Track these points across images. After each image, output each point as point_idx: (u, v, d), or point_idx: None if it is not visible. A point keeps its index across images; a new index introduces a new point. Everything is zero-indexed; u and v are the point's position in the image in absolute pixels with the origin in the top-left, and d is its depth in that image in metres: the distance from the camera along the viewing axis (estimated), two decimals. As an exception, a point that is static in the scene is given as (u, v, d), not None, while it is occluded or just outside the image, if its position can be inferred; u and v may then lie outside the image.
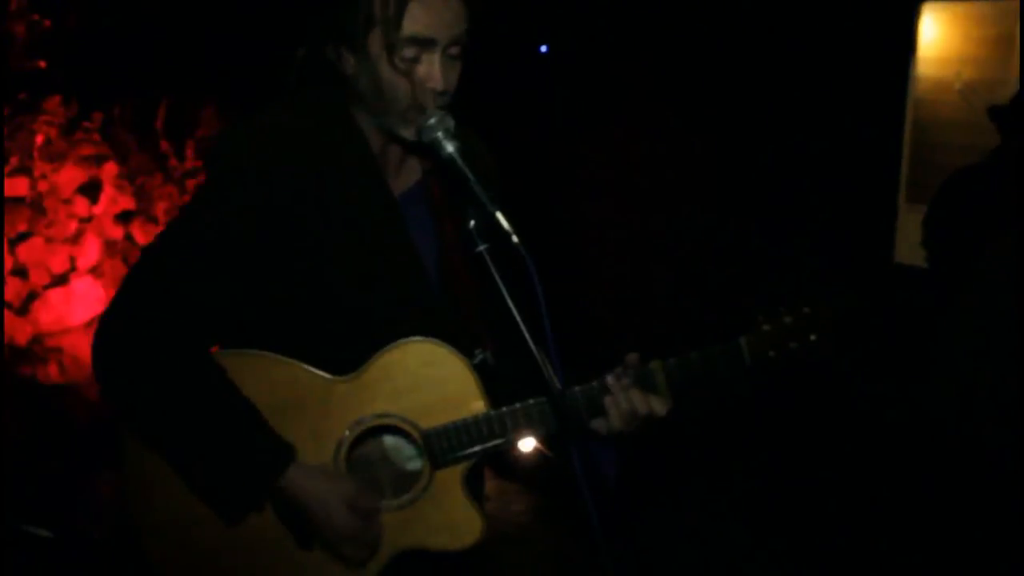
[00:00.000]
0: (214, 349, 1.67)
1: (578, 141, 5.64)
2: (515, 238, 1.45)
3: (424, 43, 1.53)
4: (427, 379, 1.65)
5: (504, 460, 3.99)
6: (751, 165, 4.98)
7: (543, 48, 5.39)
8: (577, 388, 1.68)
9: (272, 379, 1.63)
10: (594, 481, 1.48)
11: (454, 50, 1.57)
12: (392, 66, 1.53)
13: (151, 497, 1.68)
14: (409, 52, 1.53)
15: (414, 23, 1.52)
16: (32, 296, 4.52)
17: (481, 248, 1.50)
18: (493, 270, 1.49)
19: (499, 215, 1.47)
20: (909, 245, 4.63)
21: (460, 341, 1.67)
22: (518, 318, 1.46)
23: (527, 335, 1.46)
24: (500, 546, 3.60)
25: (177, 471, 1.64)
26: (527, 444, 4.44)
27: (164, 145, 4.97)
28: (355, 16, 1.53)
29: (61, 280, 4.62)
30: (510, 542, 3.71)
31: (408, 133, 1.59)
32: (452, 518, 1.68)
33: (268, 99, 1.66)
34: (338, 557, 1.65)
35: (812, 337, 1.64)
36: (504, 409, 1.66)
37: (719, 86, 5.01)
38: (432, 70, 1.55)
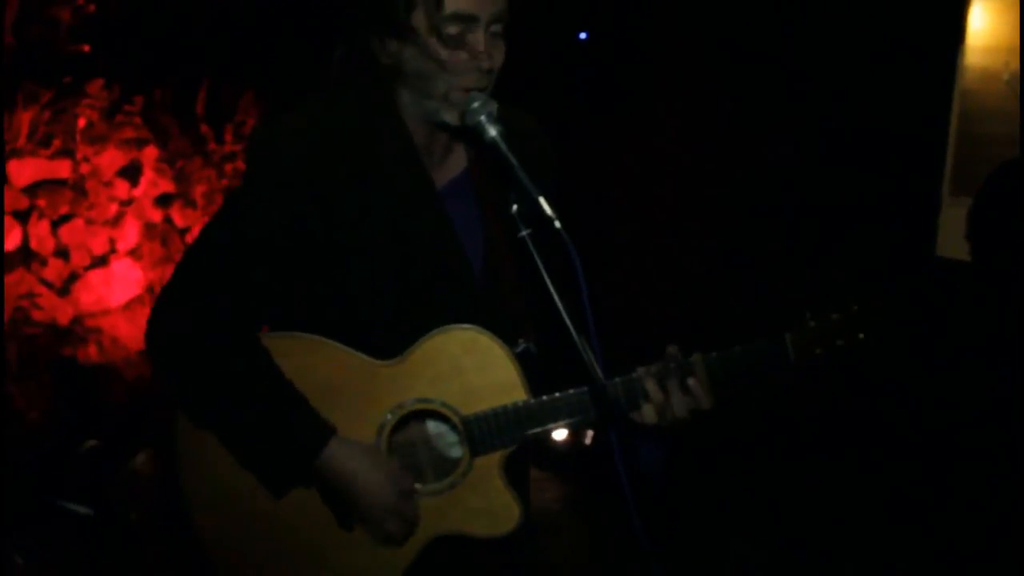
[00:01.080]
0: (264, 330, 1.70)
1: (616, 129, 5.60)
2: (558, 224, 1.44)
3: (467, 20, 1.54)
4: (469, 366, 1.66)
5: (537, 449, 3.97)
6: (793, 156, 4.92)
7: (582, 35, 5.35)
8: (618, 379, 1.67)
9: (317, 361, 1.66)
10: (634, 473, 1.47)
11: (497, 27, 1.57)
12: (437, 44, 1.54)
13: (202, 472, 1.72)
14: (452, 30, 1.53)
15: (455, 0, 1.52)
16: (73, 277, 4.59)
17: (524, 233, 1.50)
18: (536, 256, 1.48)
19: (542, 201, 1.46)
20: (952, 238, 4.55)
21: (503, 330, 1.68)
22: (559, 305, 1.46)
23: (568, 322, 1.45)
24: (527, 534, 3.59)
25: (226, 447, 1.69)
26: (560, 433, 4.44)
27: (204, 129, 5.00)
28: (397, 0, 1.53)
29: (101, 261, 4.68)
30: (541, 531, 3.70)
31: (451, 117, 1.58)
32: (490, 504, 1.69)
33: (309, 89, 1.68)
34: (379, 533, 1.67)
35: (860, 335, 1.61)
36: (544, 398, 1.67)
37: (762, 75, 4.95)
38: (477, 47, 1.55)
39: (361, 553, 1.69)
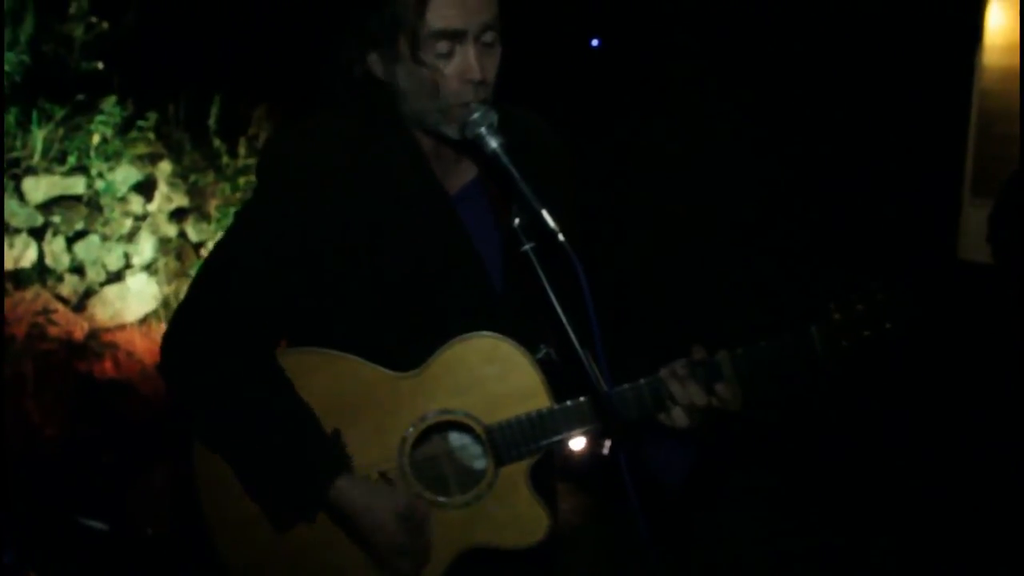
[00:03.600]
0: (282, 345, 1.68)
1: (635, 130, 5.58)
2: (561, 237, 1.41)
3: (453, 35, 1.50)
4: (490, 374, 1.63)
5: (556, 459, 3.93)
6: (810, 159, 4.88)
7: (594, 42, 5.34)
8: (643, 380, 1.63)
9: (337, 376, 1.63)
10: (644, 482, 1.44)
11: (488, 36, 1.53)
12: (424, 61, 1.50)
13: (221, 493, 1.68)
14: (441, 47, 1.50)
15: (440, 17, 1.48)
16: (89, 292, 4.61)
17: (527, 247, 1.47)
18: (539, 269, 1.45)
19: (545, 213, 1.43)
20: (973, 240, 4.49)
21: (523, 336, 1.64)
22: (563, 318, 1.43)
23: (572, 335, 1.43)
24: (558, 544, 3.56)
25: (234, 472, 1.65)
26: (578, 443, 4.40)
27: (217, 143, 5.02)
28: (381, 20, 1.51)
29: (116, 277, 4.70)
30: (561, 541, 3.67)
31: (452, 131, 1.56)
32: (518, 514, 1.65)
33: (318, 103, 1.67)
34: (390, 570, 1.63)
35: (887, 325, 1.56)
36: (568, 403, 1.63)
37: (780, 78, 4.92)
38: (467, 61, 1.51)
39: (386, 574, 1.66)
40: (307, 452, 1.59)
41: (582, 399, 1.63)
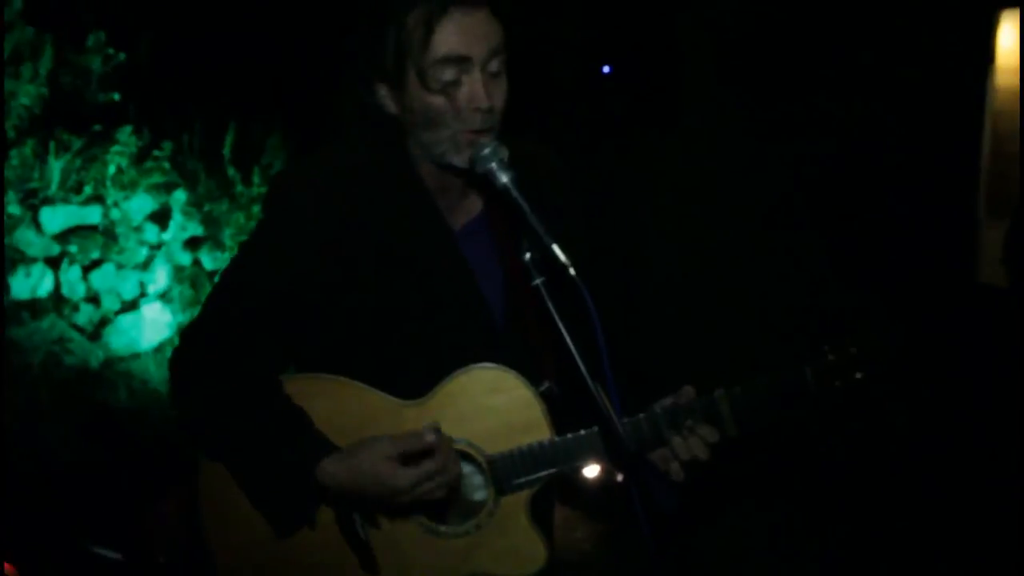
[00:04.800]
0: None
1: (643, 152, 5.58)
2: (572, 271, 1.43)
3: (460, 61, 1.52)
4: (493, 405, 1.64)
5: (568, 487, 3.93)
6: (822, 181, 4.86)
7: (606, 69, 5.37)
8: (641, 416, 1.65)
9: (341, 401, 1.65)
10: (651, 510, 1.44)
11: (494, 65, 1.55)
12: (431, 89, 1.52)
13: (226, 518, 1.71)
14: (448, 74, 1.52)
15: (445, 43, 1.50)
16: (104, 321, 4.64)
17: (537, 282, 1.48)
18: (549, 304, 1.47)
19: (556, 248, 1.44)
20: (991, 263, 4.45)
21: (525, 370, 1.66)
22: (574, 352, 1.44)
23: (584, 371, 1.44)
24: (562, 573, 3.54)
25: (236, 483, 1.68)
26: (592, 471, 4.37)
27: (231, 172, 5.07)
28: (386, 49, 1.53)
29: (132, 306, 4.73)
30: (572, 569, 3.64)
31: (460, 160, 1.57)
32: (517, 545, 1.66)
33: (327, 135, 1.70)
34: (422, 507, 1.61)
35: (879, 368, 1.60)
36: (569, 436, 1.64)
37: (792, 101, 4.92)
38: (474, 89, 1.53)
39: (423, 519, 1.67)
40: (292, 445, 1.61)
41: (583, 432, 1.64)
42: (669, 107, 5.52)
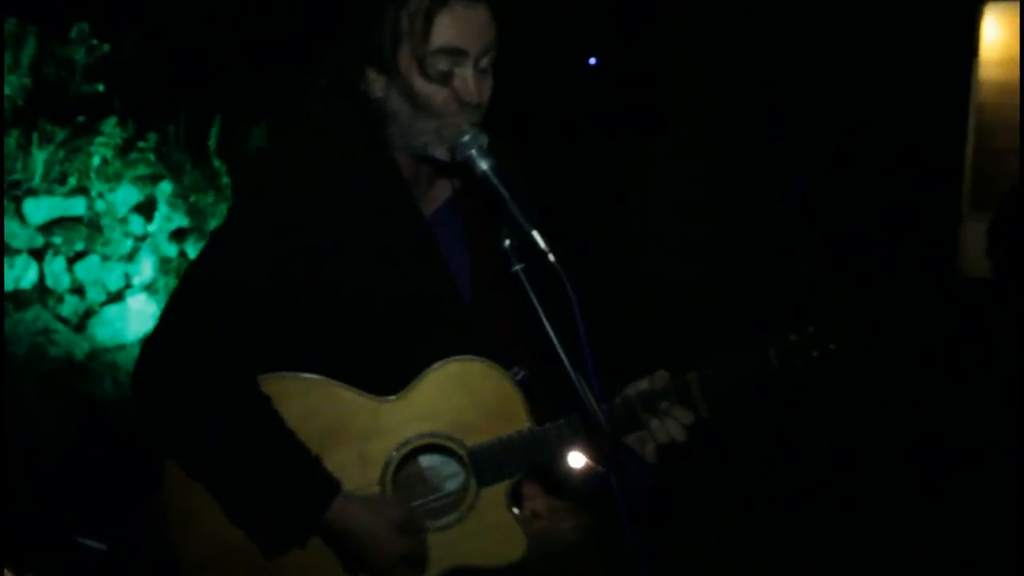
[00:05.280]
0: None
1: (629, 152, 5.59)
2: (551, 257, 1.43)
3: (455, 54, 1.51)
4: (471, 397, 1.64)
5: (555, 477, 3.93)
6: (807, 174, 4.88)
7: (592, 60, 5.37)
8: (618, 400, 1.65)
9: (318, 402, 1.62)
10: (631, 497, 1.45)
11: (485, 62, 1.55)
12: (425, 78, 1.51)
13: (194, 527, 1.64)
14: (442, 65, 1.51)
15: (443, 34, 1.50)
16: (89, 313, 4.62)
17: (517, 268, 1.47)
18: (529, 290, 1.46)
19: (535, 234, 1.45)
20: (973, 256, 4.48)
21: (496, 358, 1.65)
22: (555, 340, 1.44)
23: (564, 358, 1.44)
24: (547, 565, 3.54)
25: (220, 501, 1.62)
26: (578, 461, 4.38)
27: (217, 164, 5.05)
28: (383, 34, 1.51)
29: (117, 297, 4.71)
30: (558, 561, 3.65)
31: (441, 152, 1.56)
32: (498, 534, 1.67)
33: (292, 121, 1.68)
34: None
35: (831, 346, 1.67)
36: (548, 424, 1.65)
37: (778, 94, 4.93)
38: (465, 82, 1.53)
39: None
40: (301, 475, 1.58)
41: (562, 421, 1.65)
42: (656, 105, 5.53)
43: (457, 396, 1.63)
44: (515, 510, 1.68)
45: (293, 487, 1.57)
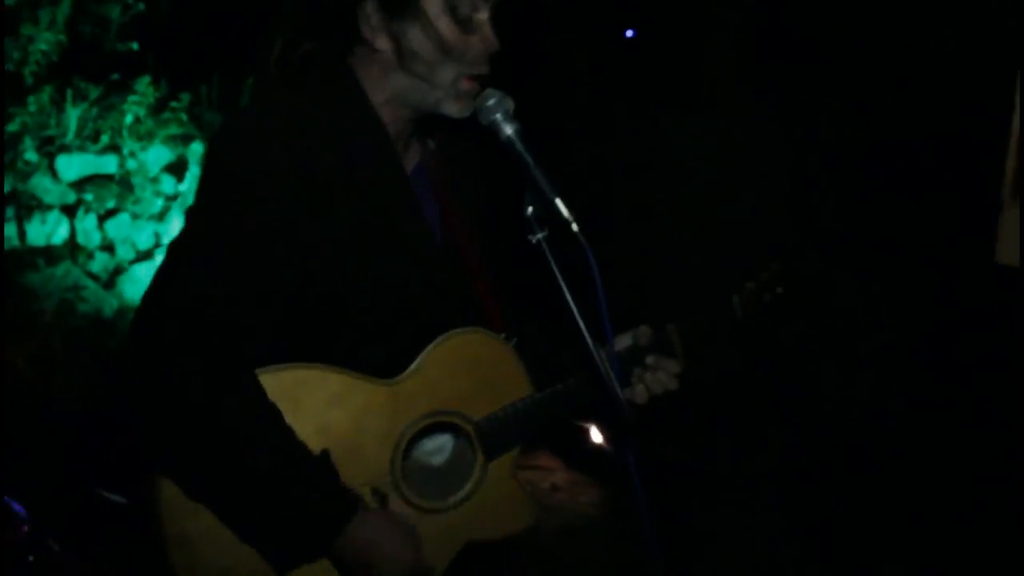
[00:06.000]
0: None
1: (659, 128, 5.52)
2: (575, 227, 1.41)
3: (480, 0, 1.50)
4: (473, 369, 1.62)
5: (574, 451, 3.93)
6: (843, 157, 4.79)
7: (629, 33, 5.29)
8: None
9: (319, 391, 1.54)
10: (653, 480, 1.46)
11: (493, 11, 1.53)
12: (450, 25, 1.48)
13: (197, 546, 1.50)
14: (464, 9, 1.49)
15: None
16: (118, 270, 4.66)
17: (539, 236, 1.44)
18: (551, 259, 1.44)
19: (559, 202, 1.42)
20: (1012, 244, 4.38)
21: (483, 324, 1.65)
22: (575, 311, 1.42)
23: (584, 329, 1.42)
24: (564, 538, 3.55)
25: (223, 518, 1.49)
26: (597, 436, 4.35)
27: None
28: None
29: (146, 256, 4.75)
30: (575, 534, 3.65)
31: (453, 109, 1.52)
32: (508, 505, 1.67)
33: (258, 81, 1.59)
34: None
35: (779, 289, 1.85)
36: (548, 390, 1.66)
37: (813, 72, 4.84)
38: (487, 32, 1.51)
39: None
40: (319, 488, 1.48)
41: (560, 386, 1.66)
42: (689, 83, 5.45)
43: (460, 370, 1.61)
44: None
45: (311, 506, 1.47)
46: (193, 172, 4.87)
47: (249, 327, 1.45)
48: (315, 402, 1.54)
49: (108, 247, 4.65)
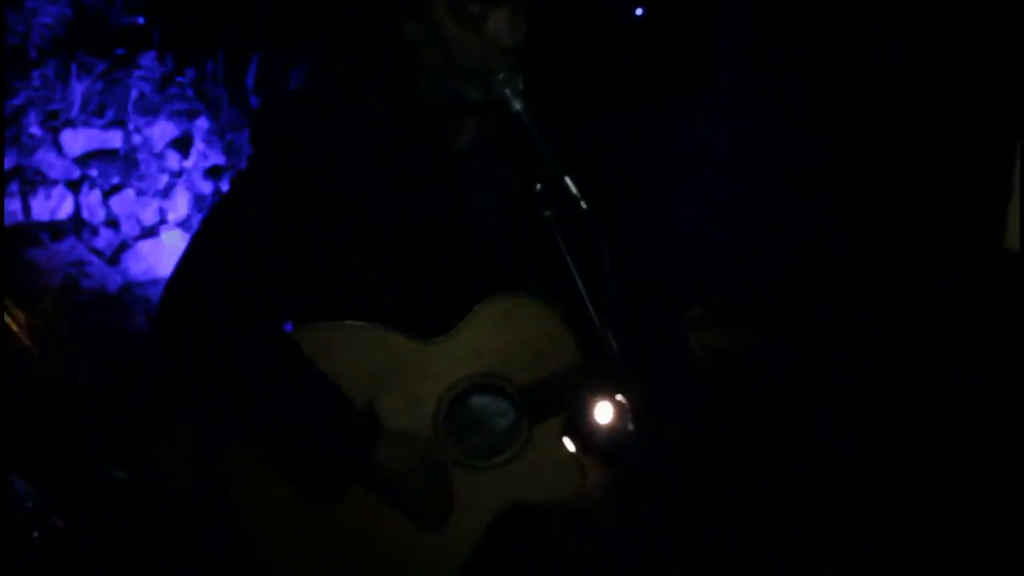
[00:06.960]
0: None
1: (674, 109, 5.49)
2: (583, 204, 1.42)
3: None
4: (518, 333, 1.63)
5: (582, 432, 3.93)
6: (851, 142, 4.76)
7: (639, 11, 5.24)
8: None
9: (365, 348, 1.61)
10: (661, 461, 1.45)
11: (519, 2, 1.52)
12: (455, 27, 1.49)
13: (252, 480, 1.63)
14: (474, 8, 1.49)
15: None
16: (123, 246, 4.66)
17: (547, 213, 1.47)
18: (559, 236, 1.46)
19: (568, 180, 1.43)
20: (1022, 229, 4.36)
21: (532, 293, 1.66)
22: (583, 290, 1.44)
23: (591, 308, 1.44)
24: (567, 519, 3.55)
25: (259, 450, 1.61)
26: (604, 416, 4.35)
27: (254, 100, 5.04)
28: None
29: (151, 232, 4.74)
30: (577, 516, 3.65)
31: (475, 94, 1.55)
32: (553, 470, 1.68)
33: (320, 67, 1.68)
34: (417, 520, 1.62)
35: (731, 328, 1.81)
36: (597, 358, 1.62)
37: (827, 62, 4.80)
38: (500, 25, 1.50)
39: (426, 537, 1.64)
40: (342, 418, 1.57)
41: (605, 357, 1.61)
42: (704, 59, 5.41)
43: (504, 333, 1.62)
44: (569, 444, 1.69)
45: (337, 431, 1.56)
46: (198, 148, 4.85)
47: (272, 280, 1.55)
48: (351, 355, 1.59)
49: (113, 223, 4.64)
